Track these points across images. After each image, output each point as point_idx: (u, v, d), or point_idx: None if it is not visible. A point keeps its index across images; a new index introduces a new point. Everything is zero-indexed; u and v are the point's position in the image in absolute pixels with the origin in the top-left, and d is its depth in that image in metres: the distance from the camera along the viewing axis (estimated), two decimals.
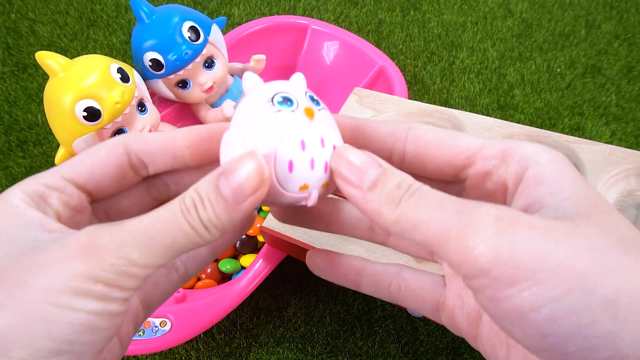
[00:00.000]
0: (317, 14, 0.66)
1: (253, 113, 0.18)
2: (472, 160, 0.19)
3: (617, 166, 0.35)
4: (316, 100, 0.19)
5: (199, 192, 0.16)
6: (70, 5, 0.66)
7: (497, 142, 0.18)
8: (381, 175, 0.17)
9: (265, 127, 0.18)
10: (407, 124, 0.20)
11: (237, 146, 0.18)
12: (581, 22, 0.64)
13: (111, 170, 0.19)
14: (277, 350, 0.42)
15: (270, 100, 0.18)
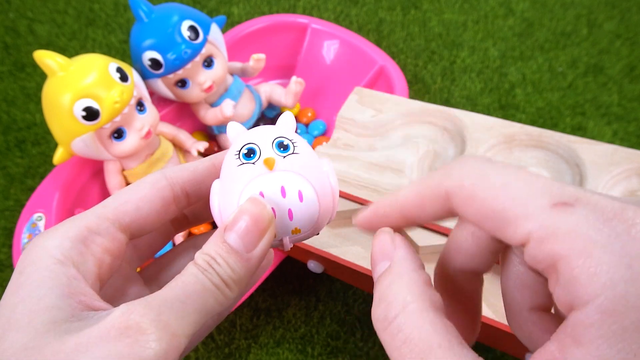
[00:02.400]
0: (317, 13, 0.65)
1: (226, 165, 0.19)
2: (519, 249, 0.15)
3: (618, 166, 0.35)
4: (285, 145, 0.19)
5: (208, 253, 0.16)
6: (69, 4, 0.66)
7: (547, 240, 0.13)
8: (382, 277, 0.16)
9: (230, 181, 0.18)
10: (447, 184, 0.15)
11: (214, 198, 0.19)
12: (583, 21, 0.64)
13: (157, 205, 0.19)
14: (277, 351, 0.42)
15: (237, 153, 0.19)
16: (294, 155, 0.18)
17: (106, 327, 0.14)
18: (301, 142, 0.19)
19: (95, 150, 0.43)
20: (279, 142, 0.19)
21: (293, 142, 0.19)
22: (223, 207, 0.19)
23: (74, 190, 0.46)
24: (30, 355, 0.14)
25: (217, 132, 0.53)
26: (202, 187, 0.20)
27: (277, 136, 0.19)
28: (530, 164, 0.38)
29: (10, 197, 0.51)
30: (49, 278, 0.15)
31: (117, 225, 0.18)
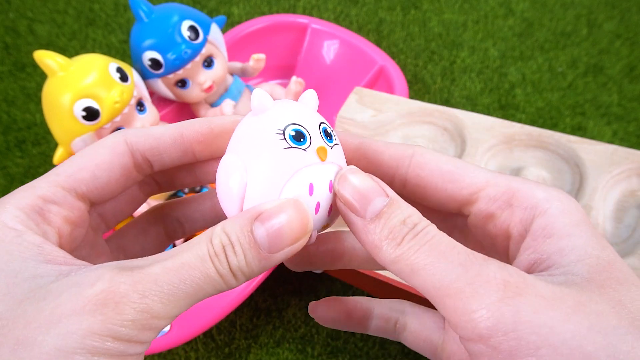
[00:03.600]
0: (317, 13, 0.66)
1: (261, 143, 0.16)
2: (474, 198, 0.17)
3: (618, 166, 0.35)
4: (329, 134, 0.17)
5: (229, 235, 0.15)
6: (69, 4, 0.66)
7: (504, 180, 0.17)
8: (387, 207, 0.15)
9: (274, 164, 0.16)
10: (413, 148, 0.18)
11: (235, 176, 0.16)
12: (583, 21, 0.64)
13: (116, 173, 0.18)
14: (277, 351, 0.42)
15: (282, 133, 0.16)
16: (337, 147, 0.17)
17: (84, 298, 0.13)
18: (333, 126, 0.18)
19: None
20: (325, 129, 0.17)
21: (332, 128, 0.18)
22: (253, 191, 0.16)
23: None
24: (3, 326, 0.13)
25: None
26: (164, 158, 0.19)
27: (321, 121, 0.17)
28: (530, 163, 0.38)
29: None
30: (18, 251, 0.15)
31: (74, 193, 0.17)
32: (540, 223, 0.16)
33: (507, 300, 0.13)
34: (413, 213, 0.16)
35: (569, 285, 0.14)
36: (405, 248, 0.15)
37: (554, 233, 0.15)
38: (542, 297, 0.13)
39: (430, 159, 0.18)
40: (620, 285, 0.14)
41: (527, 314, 0.13)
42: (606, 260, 0.15)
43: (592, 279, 0.14)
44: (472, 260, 0.14)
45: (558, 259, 0.15)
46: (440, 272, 0.14)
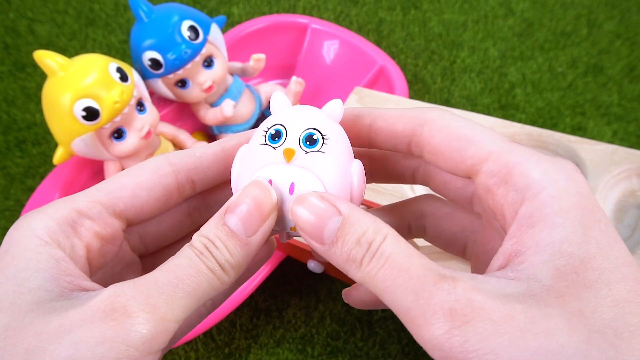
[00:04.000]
0: (317, 13, 0.66)
1: (253, 137, 0.18)
2: (476, 170, 0.17)
3: (618, 166, 0.35)
4: (315, 140, 0.18)
5: (206, 235, 0.16)
6: (69, 4, 0.66)
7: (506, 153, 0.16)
8: (340, 229, 0.15)
9: (250, 157, 0.18)
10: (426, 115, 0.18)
11: (235, 166, 0.19)
12: (583, 21, 0.64)
13: (157, 193, 0.18)
14: (277, 351, 0.42)
15: (265, 131, 0.18)
16: (317, 154, 0.17)
17: (91, 308, 0.14)
18: (336, 137, 0.18)
19: (95, 150, 0.43)
20: (309, 134, 0.18)
21: (325, 137, 0.18)
22: (238, 181, 0.18)
23: (74, 190, 0.46)
24: (11, 336, 0.13)
25: (217, 132, 0.53)
26: (209, 175, 0.19)
27: (310, 127, 0.18)
28: None
29: (10, 197, 0.51)
30: (35, 260, 0.15)
31: (111, 210, 0.17)
32: (528, 209, 0.15)
33: (454, 330, 0.13)
34: (367, 227, 0.15)
35: (525, 298, 0.14)
36: (365, 272, 0.15)
37: (538, 223, 0.15)
38: (491, 321, 0.13)
39: (442, 126, 0.18)
40: (587, 290, 0.14)
41: (474, 342, 0.13)
42: (579, 259, 0.14)
43: (552, 287, 0.14)
44: (422, 285, 0.14)
45: (531, 256, 0.15)
46: (396, 299, 0.14)
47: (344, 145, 0.18)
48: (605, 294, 0.14)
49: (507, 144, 0.17)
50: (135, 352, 0.13)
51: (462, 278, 0.14)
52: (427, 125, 0.18)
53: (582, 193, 0.15)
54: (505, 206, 0.16)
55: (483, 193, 0.17)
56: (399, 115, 0.19)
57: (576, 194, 0.15)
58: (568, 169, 0.16)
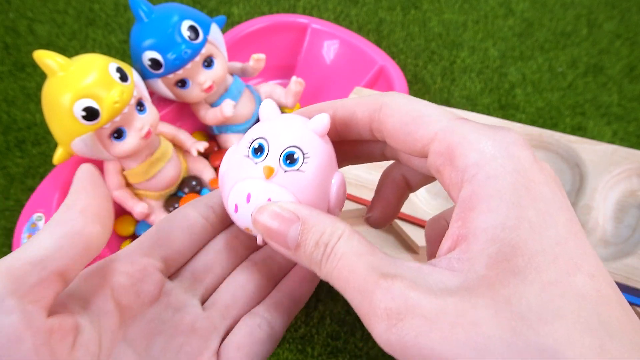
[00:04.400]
0: (317, 13, 0.65)
1: (240, 144, 0.19)
2: (426, 151, 0.17)
3: (618, 166, 0.35)
4: (295, 159, 0.18)
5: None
6: (69, 4, 0.66)
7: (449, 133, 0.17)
8: (301, 234, 0.17)
9: (232, 166, 0.19)
10: (382, 99, 0.19)
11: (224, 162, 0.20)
12: (583, 21, 0.64)
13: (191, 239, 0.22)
14: (276, 352, 0.42)
15: (251, 142, 0.19)
16: (297, 173, 0.18)
17: None
18: (318, 153, 0.19)
19: (95, 150, 0.43)
20: (289, 152, 0.18)
21: (306, 155, 0.18)
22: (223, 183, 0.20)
23: None
24: None
25: (217, 132, 0.53)
26: None
27: (291, 145, 0.18)
28: None
29: (10, 197, 0.51)
30: None
31: None
32: (467, 191, 0.15)
33: (391, 329, 0.14)
34: (325, 229, 0.16)
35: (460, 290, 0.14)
36: (324, 272, 0.16)
37: (476, 206, 0.15)
38: (424, 318, 0.14)
39: (394, 110, 0.18)
40: (515, 277, 0.14)
41: (409, 339, 0.14)
42: (511, 245, 0.14)
43: (485, 276, 0.14)
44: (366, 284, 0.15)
45: (472, 243, 0.15)
46: (349, 298, 0.16)
47: (326, 160, 0.19)
48: (532, 279, 0.14)
49: (452, 122, 0.17)
50: None
51: (402, 275, 0.15)
52: (382, 110, 0.19)
53: (520, 170, 0.15)
54: (451, 186, 0.16)
55: (435, 173, 0.18)
56: (357, 103, 0.19)
57: (514, 172, 0.15)
58: (509, 144, 0.16)
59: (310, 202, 0.18)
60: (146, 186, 0.47)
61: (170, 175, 0.48)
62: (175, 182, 0.49)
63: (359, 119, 0.19)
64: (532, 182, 0.15)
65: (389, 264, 0.15)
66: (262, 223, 0.17)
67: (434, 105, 0.18)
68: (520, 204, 0.15)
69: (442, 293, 0.14)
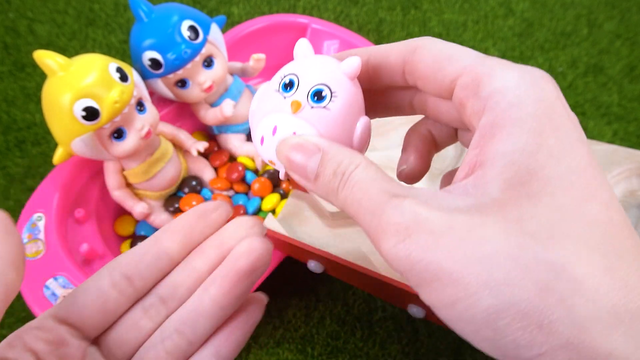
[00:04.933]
0: (317, 13, 0.65)
1: (273, 79, 0.20)
2: (453, 86, 0.18)
3: (618, 166, 0.35)
4: (322, 97, 0.19)
5: None
6: (69, 4, 0.66)
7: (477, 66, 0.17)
8: (321, 165, 0.17)
9: (263, 99, 0.20)
10: (416, 42, 0.19)
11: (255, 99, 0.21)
12: (583, 21, 0.64)
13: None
14: (276, 352, 0.42)
15: (282, 77, 0.19)
16: (322, 110, 0.18)
17: None
18: (346, 94, 0.19)
19: (95, 150, 0.43)
20: (318, 90, 0.19)
21: (333, 94, 0.19)
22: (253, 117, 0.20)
23: (74, 190, 0.46)
24: None
25: (217, 132, 0.53)
26: None
27: (320, 83, 0.19)
28: None
29: (10, 197, 0.51)
30: None
31: None
32: (488, 118, 0.16)
33: (399, 245, 0.14)
34: (342, 159, 0.17)
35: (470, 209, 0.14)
36: (340, 199, 0.17)
37: (496, 133, 0.15)
38: (431, 233, 0.14)
39: (428, 50, 0.19)
40: (529, 199, 0.14)
41: (417, 254, 0.14)
42: (527, 170, 0.14)
43: (497, 199, 0.14)
44: (377, 204, 0.15)
45: (489, 167, 0.15)
46: (361, 220, 0.16)
47: (353, 102, 0.19)
48: (546, 202, 0.14)
49: (481, 57, 0.17)
50: None
51: (412, 195, 0.15)
52: (416, 52, 0.19)
53: (544, 99, 0.15)
54: (472, 116, 0.17)
55: (459, 107, 0.18)
56: (391, 48, 0.20)
57: (537, 101, 0.15)
58: (535, 76, 0.16)
59: (334, 139, 0.19)
60: (146, 186, 0.47)
61: (170, 175, 0.48)
62: (175, 182, 0.49)
63: (392, 61, 0.20)
64: (555, 112, 0.15)
65: (402, 188, 0.16)
66: (285, 154, 0.18)
67: (467, 48, 0.18)
68: (541, 131, 0.15)
69: (451, 211, 0.14)
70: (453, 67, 0.18)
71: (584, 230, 0.14)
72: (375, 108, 0.22)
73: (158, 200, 0.49)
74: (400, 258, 0.14)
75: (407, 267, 0.14)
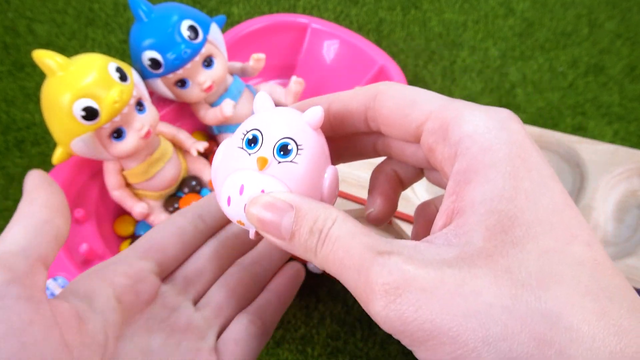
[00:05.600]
0: (317, 13, 0.65)
1: (234, 135, 0.19)
2: (420, 131, 0.18)
3: (619, 166, 0.35)
4: (288, 150, 0.18)
5: None
6: (69, 4, 0.66)
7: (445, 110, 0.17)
8: (295, 223, 0.17)
9: (226, 157, 0.19)
10: (377, 87, 0.19)
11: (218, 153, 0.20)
12: (583, 21, 0.64)
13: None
14: (276, 352, 0.42)
15: (245, 133, 0.19)
16: (290, 164, 0.18)
17: None
18: (312, 146, 0.18)
19: (95, 150, 0.42)
20: (283, 144, 0.18)
21: (299, 147, 0.18)
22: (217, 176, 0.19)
23: (73, 190, 0.46)
24: None
25: (217, 132, 0.53)
26: None
27: (285, 136, 0.18)
28: None
29: (10, 197, 0.51)
30: None
31: None
32: (461, 164, 0.16)
33: (390, 305, 0.14)
34: (318, 215, 0.16)
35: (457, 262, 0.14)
36: (320, 257, 0.16)
37: (471, 179, 0.15)
38: (422, 291, 0.14)
39: (390, 96, 0.18)
40: (514, 247, 0.14)
41: (409, 314, 0.14)
42: (508, 216, 0.14)
43: (483, 248, 0.14)
44: (362, 262, 0.15)
45: (469, 215, 0.15)
46: (345, 279, 0.16)
47: (319, 153, 0.19)
48: (531, 248, 0.14)
49: (446, 101, 0.17)
50: None
51: (397, 251, 0.15)
52: (377, 97, 0.19)
53: (514, 142, 0.15)
54: (444, 162, 0.17)
55: (427, 152, 0.18)
56: (352, 94, 0.20)
57: (508, 143, 0.15)
58: (502, 118, 0.16)
59: (304, 193, 0.18)
60: (146, 186, 0.47)
61: (170, 175, 0.48)
62: (175, 182, 0.49)
63: (354, 108, 0.20)
64: (526, 152, 0.15)
65: (384, 243, 0.15)
66: (256, 214, 0.17)
67: (429, 91, 0.18)
68: (516, 174, 0.15)
69: (439, 265, 0.14)
70: (418, 112, 0.17)
71: (572, 275, 0.14)
72: (339, 154, 0.22)
73: (158, 200, 0.49)
74: (392, 319, 0.14)
75: (400, 328, 0.14)
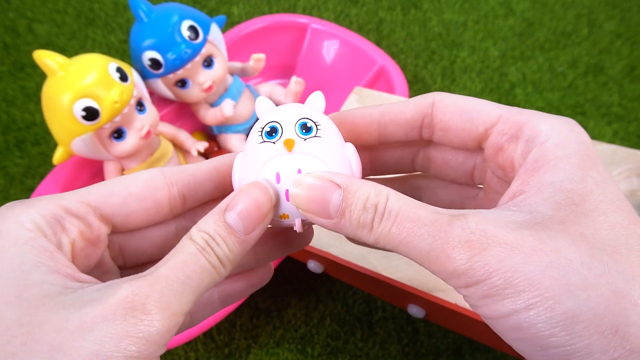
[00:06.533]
0: (317, 13, 0.65)
1: (249, 141, 0.19)
2: (488, 134, 0.19)
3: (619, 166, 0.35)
4: (309, 127, 0.19)
5: (206, 231, 0.17)
6: (69, 4, 0.66)
7: (515, 114, 0.18)
8: (344, 200, 0.17)
9: (251, 158, 0.19)
10: (432, 97, 0.20)
11: (235, 172, 0.19)
12: (583, 21, 0.64)
13: (147, 204, 0.19)
14: (276, 352, 0.42)
15: (260, 131, 0.19)
16: (315, 139, 0.18)
17: (111, 306, 0.14)
18: (326, 124, 0.19)
19: (95, 150, 0.42)
20: (302, 123, 0.19)
21: (317, 124, 0.19)
22: (242, 181, 0.19)
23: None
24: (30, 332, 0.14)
25: (217, 132, 0.53)
26: (200, 192, 0.20)
27: (301, 117, 0.19)
28: None
29: (10, 197, 0.51)
30: (31, 253, 0.15)
31: (98, 213, 0.18)
32: (534, 155, 0.17)
33: (475, 258, 0.15)
34: (369, 192, 0.17)
35: (531, 225, 0.15)
36: (378, 232, 0.16)
37: (542, 166, 0.16)
38: (505, 245, 0.15)
39: (449, 102, 0.19)
40: (585, 217, 0.15)
41: (493, 264, 0.15)
42: (578, 194, 0.16)
43: (554, 216, 0.15)
44: (437, 227, 0.16)
45: (534, 194, 0.16)
46: (415, 246, 0.16)
47: (335, 131, 0.19)
48: (602, 220, 0.15)
49: (514, 108, 0.19)
50: (153, 345, 0.15)
51: (471, 214, 0.16)
52: (435, 106, 0.20)
53: (583, 142, 0.17)
54: (515, 157, 0.18)
55: (493, 152, 0.19)
56: (405, 103, 0.20)
57: (578, 142, 0.17)
58: (572, 123, 0.18)
59: (336, 164, 0.18)
60: None
61: None
62: None
63: (410, 117, 0.20)
64: (592, 152, 0.17)
65: (452, 210, 0.16)
66: (302, 193, 0.17)
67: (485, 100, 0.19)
68: (584, 165, 0.16)
69: (515, 226, 0.15)
70: (485, 116, 0.19)
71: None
72: (373, 166, 0.23)
73: None
74: (475, 270, 0.15)
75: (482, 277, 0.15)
